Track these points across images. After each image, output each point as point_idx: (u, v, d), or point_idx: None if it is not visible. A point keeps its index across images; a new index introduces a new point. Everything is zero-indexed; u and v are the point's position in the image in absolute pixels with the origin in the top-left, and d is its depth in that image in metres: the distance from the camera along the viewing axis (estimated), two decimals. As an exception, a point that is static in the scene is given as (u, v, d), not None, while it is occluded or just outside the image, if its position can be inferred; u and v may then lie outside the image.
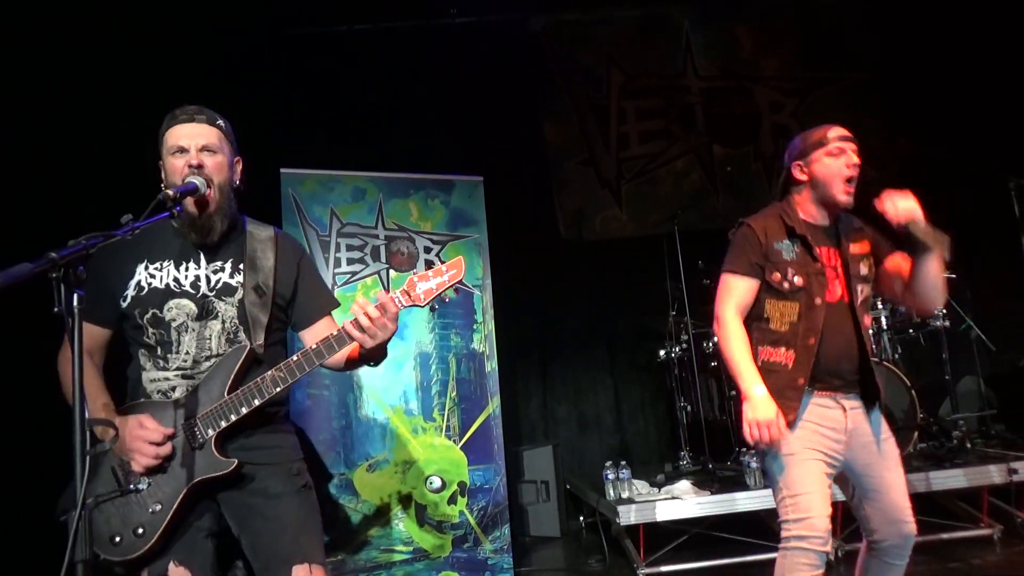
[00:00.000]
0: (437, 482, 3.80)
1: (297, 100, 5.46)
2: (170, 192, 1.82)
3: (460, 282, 1.94)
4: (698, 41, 6.45)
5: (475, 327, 4.05)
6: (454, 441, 3.89)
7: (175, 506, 1.82)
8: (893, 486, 2.30)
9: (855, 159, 2.31)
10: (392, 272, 3.97)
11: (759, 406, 2.21)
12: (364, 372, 3.77)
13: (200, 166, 1.94)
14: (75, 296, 1.45)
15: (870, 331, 2.38)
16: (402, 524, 3.72)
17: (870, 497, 2.32)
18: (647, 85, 6.42)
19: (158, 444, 1.84)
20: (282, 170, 3.98)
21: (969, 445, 4.40)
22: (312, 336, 2.11)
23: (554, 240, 6.10)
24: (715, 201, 6.24)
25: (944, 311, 4.67)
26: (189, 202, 1.92)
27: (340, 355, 2.02)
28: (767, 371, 2.32)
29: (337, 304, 2.21)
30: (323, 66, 5.70)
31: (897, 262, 2.35)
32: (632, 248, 6.03)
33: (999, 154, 5.52)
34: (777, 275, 2.32)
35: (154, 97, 4.59)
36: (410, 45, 5.90)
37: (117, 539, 1.80)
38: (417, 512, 3.74)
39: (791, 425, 2.24)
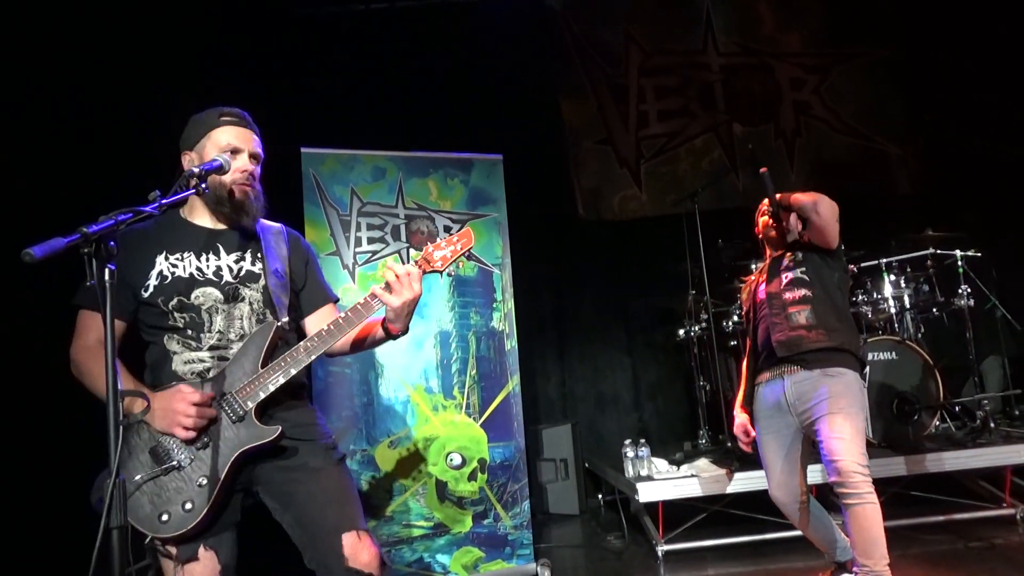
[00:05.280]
0: (457, 459, 3.83)
1: (317, 79, 5.46)
2: (196, 169, 1.85)
3: (470, 249, 2.11)
4: (718, 17, 6.37)
5: (494, 306, 4.06)
6: (474, 419, 3.91)
7: (221, 478, 1.84)
8: (829, 436, 2.66)
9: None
10: (412, 251, 3.98)
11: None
12: (385, 351, 3.79)
13: (253, 175, 2.06)
14: (107, 271, 1.48)
15: (801, 303, 2.89)
16: (423, 500, 3.75)
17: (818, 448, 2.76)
18: (666, 62, 6.35)
19: (202, 405, 1.86)
20: (303, 149, 3.99)
21: (992, 425, 4.36)
22: (315, 323, 2.19)
23: (573, 219, 6.09)
24: (735, 179, 6.18)
25: (968, 290, 4.62)
26: (238, 189, 2.03)
27: (349, 337, 2.09)
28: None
29: (337, 299, 2.32)
30: (342, 45, 5.69)
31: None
32: (650, 227, 6.00)
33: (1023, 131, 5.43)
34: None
35: (177, 77, 4.68)
36: (428, 23, 5.88)
37: (165, 517, 1.81)
38: (438, 488, 3.78)
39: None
